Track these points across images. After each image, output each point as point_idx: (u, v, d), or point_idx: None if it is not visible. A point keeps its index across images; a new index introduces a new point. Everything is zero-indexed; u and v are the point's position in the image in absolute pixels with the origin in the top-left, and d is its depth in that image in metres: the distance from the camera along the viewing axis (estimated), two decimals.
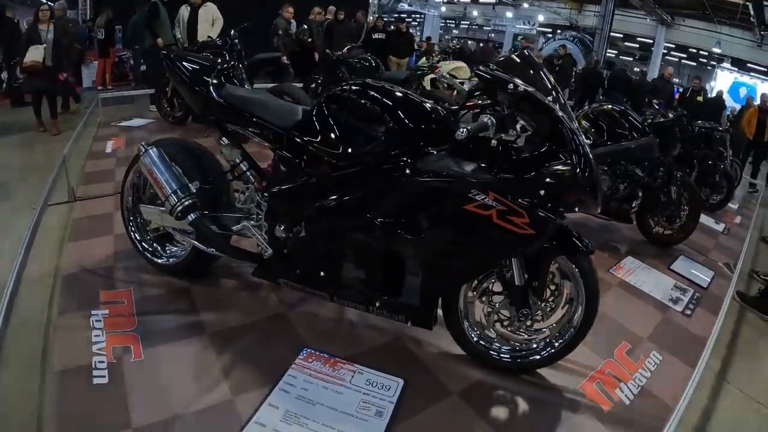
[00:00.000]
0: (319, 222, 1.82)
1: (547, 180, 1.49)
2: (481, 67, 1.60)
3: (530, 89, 1.50)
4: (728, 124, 7.86)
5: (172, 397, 1.69)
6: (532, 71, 1.61)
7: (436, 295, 1.81)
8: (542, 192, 1.49)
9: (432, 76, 5.36)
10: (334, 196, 1.77)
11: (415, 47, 10.49)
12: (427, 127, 1.67)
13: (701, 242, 3.91)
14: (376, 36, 8.30)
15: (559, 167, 1.48)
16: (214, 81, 2.02)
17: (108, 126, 5.04)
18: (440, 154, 1.63)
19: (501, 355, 1.91)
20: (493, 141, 1.53)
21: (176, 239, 2.25)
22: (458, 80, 6.38)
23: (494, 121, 1.47)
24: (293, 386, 1.79)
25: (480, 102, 1.80)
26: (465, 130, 1.43)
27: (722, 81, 17.86)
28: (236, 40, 4.60)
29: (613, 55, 21.63)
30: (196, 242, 2.06)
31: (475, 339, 1.90)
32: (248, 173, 2.05)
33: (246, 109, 1.94)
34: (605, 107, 3.55)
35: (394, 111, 1.69)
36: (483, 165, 1.56)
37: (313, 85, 5.25)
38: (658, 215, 3.49)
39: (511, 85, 1.48)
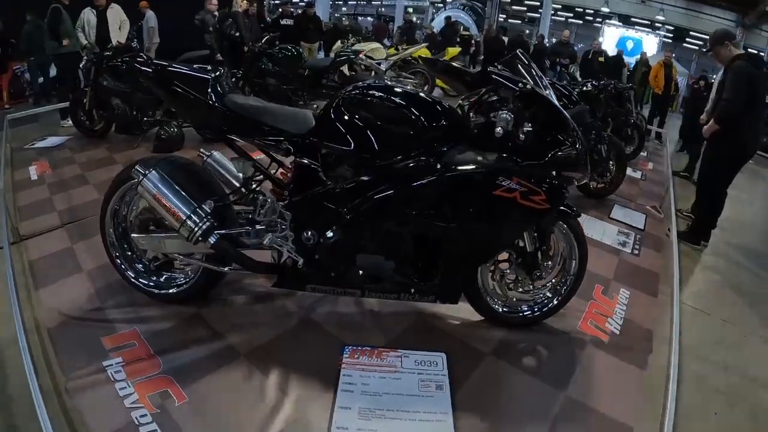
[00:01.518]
0: (354, 223, 1.78)
1: (561, 161, 1.73)
2: (492, 69, 1.81)
3: (533, 86, 1.70)
4: (628, 80, 8.65)
5: (242, 430, 1.60)
6: (526, 66, 1.84)
7: (463, 274, 1.96)
8: (554, 172, 1.73)
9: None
10: (365, 197, 1.76)
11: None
12: (447, 124, 1.77)
13: (627, 191, 4.40)
14: (284, 22, 7.83)
15: (568, 150, 1.73)
16: (218, 91, 1.83)
17: (21, 150, 4.34)
18: (460, 149, 1.76)
19: (524, 313, 2.17)
20: (498, 129, 1.65)
21: (177, 265, 2.07)
22: (375, 62, 6.34)
23: (512, 116, 1.64)
24: (353, 384, 1.80)
25: (486, 97, 1.85)
26: (501, 128, 1.63)
27: (610, 37, 19.41)
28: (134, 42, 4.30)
29: (503, 19, 22.41)
30: (207, 264, 1.92)
31: (500, 309, 2.13)
32: (259, 186, 1.96)
33: (257, 119, 1.80)
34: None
35: (416, 111, 1.74)
36: (502, 155, 1.74)
37: (234, 79, 4.89)
38: (593, 172, 3.87)
39: (520, 84, 1.67)
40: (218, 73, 1.87)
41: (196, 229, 1.74)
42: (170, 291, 2.09)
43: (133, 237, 1.97)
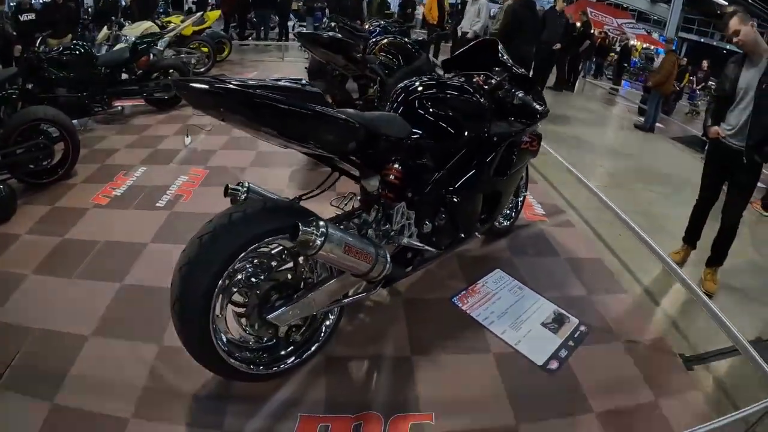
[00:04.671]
0: (458, 199, 2.02)
1: (542, 113, 2.29)
2: (503, 56, 2.31)
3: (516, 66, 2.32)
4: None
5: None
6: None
7: (504, 207, 2.53)
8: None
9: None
10: (459, 176, 2.04)
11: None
12: (496, 105, 2.21)
13: None
14: (25, 18, 5.59)
15: (543, 107, 2.23)
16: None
17: None
18: (495, 122, 2.17)
19: (503, 223, 2.94)
20: (515, 101, 2.22)
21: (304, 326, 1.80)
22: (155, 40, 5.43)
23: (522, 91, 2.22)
24: (486, 317, 2.24)
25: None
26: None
27: None
28: None
29: None
30: (353, 298, 1.82)
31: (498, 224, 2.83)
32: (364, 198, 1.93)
33: (381, 131, 1.68)
34: (390, 39, 4.24)
35: (475, 98, 2.08)
36: (510, 119, 2.29)
37: (15, 96, 3.55)
38: None
39: (514, 69, 2.28)
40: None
41: (386, 263, 1.64)
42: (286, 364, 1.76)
43: (274, 316, 1.55)
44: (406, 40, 4.30)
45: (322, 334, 1.79)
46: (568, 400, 1.87)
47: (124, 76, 4.47)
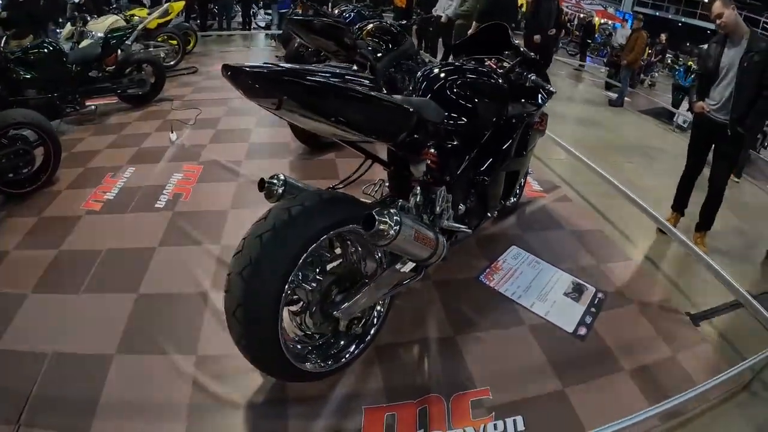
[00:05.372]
0: (487, 179, 2.07)
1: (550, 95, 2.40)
2: (516, 43, 2.33)
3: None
4: None
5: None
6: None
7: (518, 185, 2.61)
8: None
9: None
10: (489, 155, 2.09)
11: None
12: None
13: None
14: None
15: (548, 87, 2.33)
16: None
17: None
18: (512, 104, 2.22)
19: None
20: (528, 84, 2.27)
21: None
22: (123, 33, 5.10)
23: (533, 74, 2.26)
24: (514, 291, 2.31)
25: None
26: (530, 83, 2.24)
27: None
28: None
29: None
30: (400, 288, 1.77)
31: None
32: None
33: (423, 116, 1.63)
34: (376, 24, 4.17)
35: (500, 82, 2.13)
36: (521, 101, 2.34)
37: None
38: None
39: (524, 52, 2.30)
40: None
41: (444, 246, 1.64)
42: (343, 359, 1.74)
43: (342, 310, 1.54)
44: (391, 24, 4.25)
45: (376, 321, 1.78)
46: (602, 362, 1.98)
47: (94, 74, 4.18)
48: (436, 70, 2.00)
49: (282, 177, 1.65)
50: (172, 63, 5.77)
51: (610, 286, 2.48)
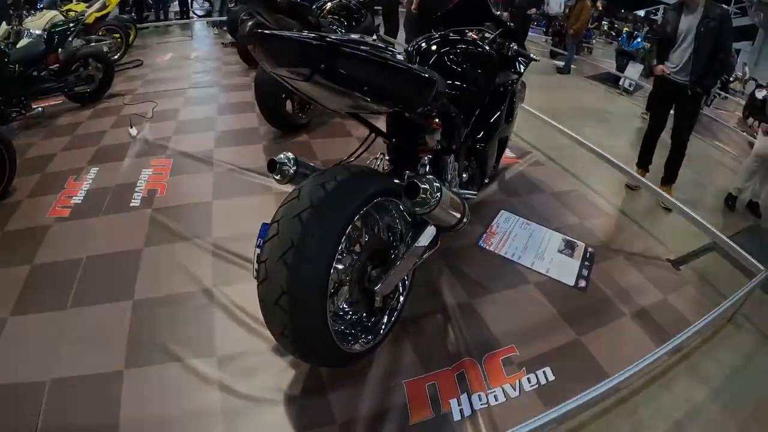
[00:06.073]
0: (485, 146, 2.12)
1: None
2: (496, 14, 2.33)
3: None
4: None
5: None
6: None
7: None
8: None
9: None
10: (485, 123, 2.14)
11: None
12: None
13: None
14: None
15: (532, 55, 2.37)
16: None
17: None
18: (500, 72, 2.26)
19: None
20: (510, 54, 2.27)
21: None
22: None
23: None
24: (513, 254, 2.38)
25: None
26: (512, 53, 2.22)
27: None
28: None
29: None
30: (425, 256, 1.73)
31: None
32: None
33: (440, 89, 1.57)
34: (336, 2, 4.04)
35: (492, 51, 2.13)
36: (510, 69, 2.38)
37: None
38: None
39: (505, 23, 2.33)
40: None
41: (468, 208, 1.64)
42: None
43: (382, 285, 1.49)
44: (351, 1, 4.15)
45: (404, 290, 1.75)
46: (605, 309, 2.10)
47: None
48: (429, 42, 1.98)
49: (292, 156, 1.58)
50: (116, 57, 5.35)
51: (597, 241, 2.60)
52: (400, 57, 1.32)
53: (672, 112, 3.29)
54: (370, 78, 1.20)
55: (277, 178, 1.58)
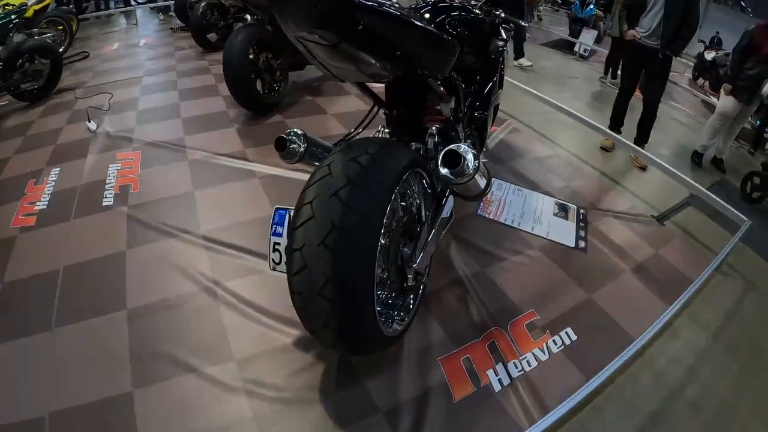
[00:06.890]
0: (484, 114, 2.06)
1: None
2: None
3: None
4: None
5: None
6: None
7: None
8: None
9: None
10: (482, 90, 2.10)
11: None
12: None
13: None
14: None
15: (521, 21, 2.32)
16: None
17: None
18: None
19: None
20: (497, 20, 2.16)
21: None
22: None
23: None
24: (513, 219, 2.37)
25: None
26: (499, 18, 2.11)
27: None
28: None
29: None
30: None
31: None
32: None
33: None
34: None
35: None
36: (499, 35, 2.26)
37: None
38: None
39: None
40: None
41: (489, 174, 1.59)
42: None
43: (418, 263, 1.39)
44: None
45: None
46: (607, 267, 2.13)
47: None
48: (425, 9, 1.87)
49: (301, 132, 1.46)
50: (61, 49, 4.87)
51: (587, 202, 2.63)
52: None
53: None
54: (401, 42, 1.09)
55: (285, 157, 1.45)
